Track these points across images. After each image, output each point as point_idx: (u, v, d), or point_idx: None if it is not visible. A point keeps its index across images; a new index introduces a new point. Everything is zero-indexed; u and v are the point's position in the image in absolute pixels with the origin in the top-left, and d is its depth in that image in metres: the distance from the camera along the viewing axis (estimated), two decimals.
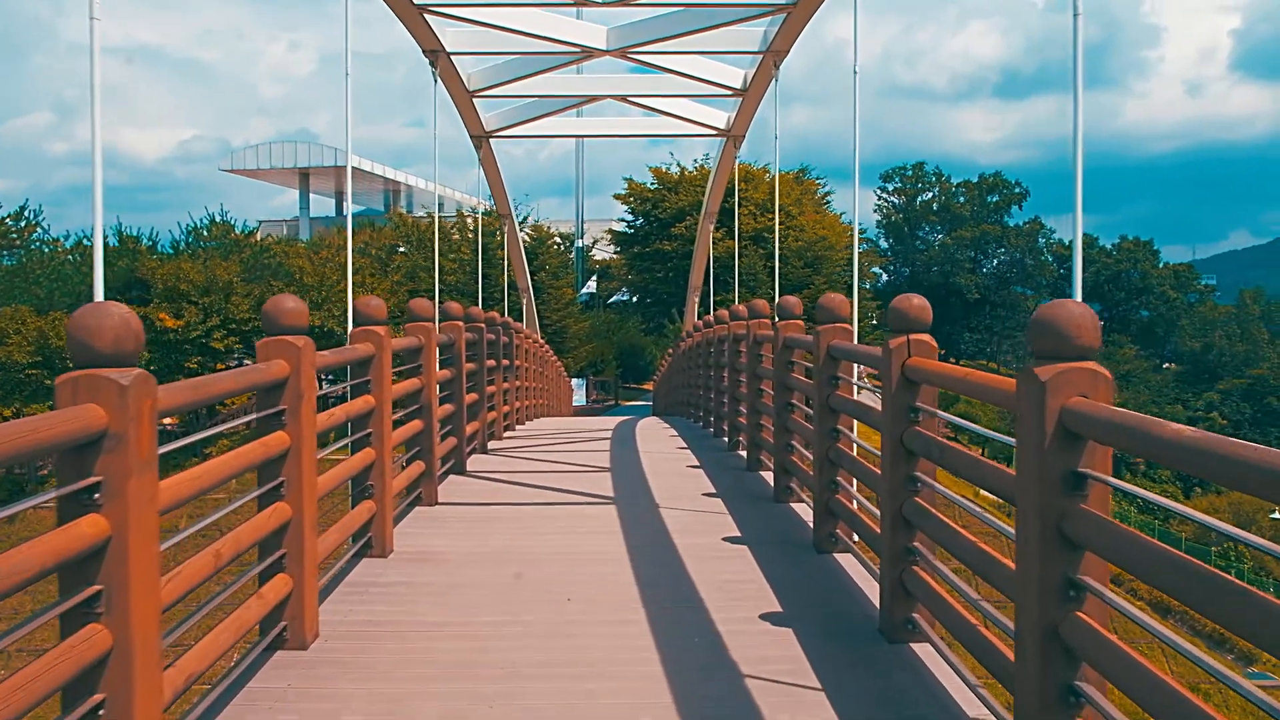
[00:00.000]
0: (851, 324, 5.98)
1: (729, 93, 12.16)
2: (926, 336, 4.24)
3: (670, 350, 22.83)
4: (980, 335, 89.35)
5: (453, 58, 10.75)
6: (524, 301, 21.87)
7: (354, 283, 31.45)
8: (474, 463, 9.61)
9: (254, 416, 4.19)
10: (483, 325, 10.44)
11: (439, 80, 10.48)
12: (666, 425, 15.01)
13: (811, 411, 6.58)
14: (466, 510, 7.37)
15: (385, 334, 5.81)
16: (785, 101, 15.94)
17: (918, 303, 4.35)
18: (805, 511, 7.06)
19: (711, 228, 18.02)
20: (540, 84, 12.35)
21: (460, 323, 8.92)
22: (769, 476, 8.57)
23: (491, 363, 11.69)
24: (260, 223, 59.97)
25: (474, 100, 12.45)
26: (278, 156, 67.20)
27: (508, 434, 12.90)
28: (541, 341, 19.29)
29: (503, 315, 17.82)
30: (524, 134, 14.04)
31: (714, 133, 13.93)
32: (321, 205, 76.26)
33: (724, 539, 6.27)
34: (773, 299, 10.77)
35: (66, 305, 33.46)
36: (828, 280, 36.13)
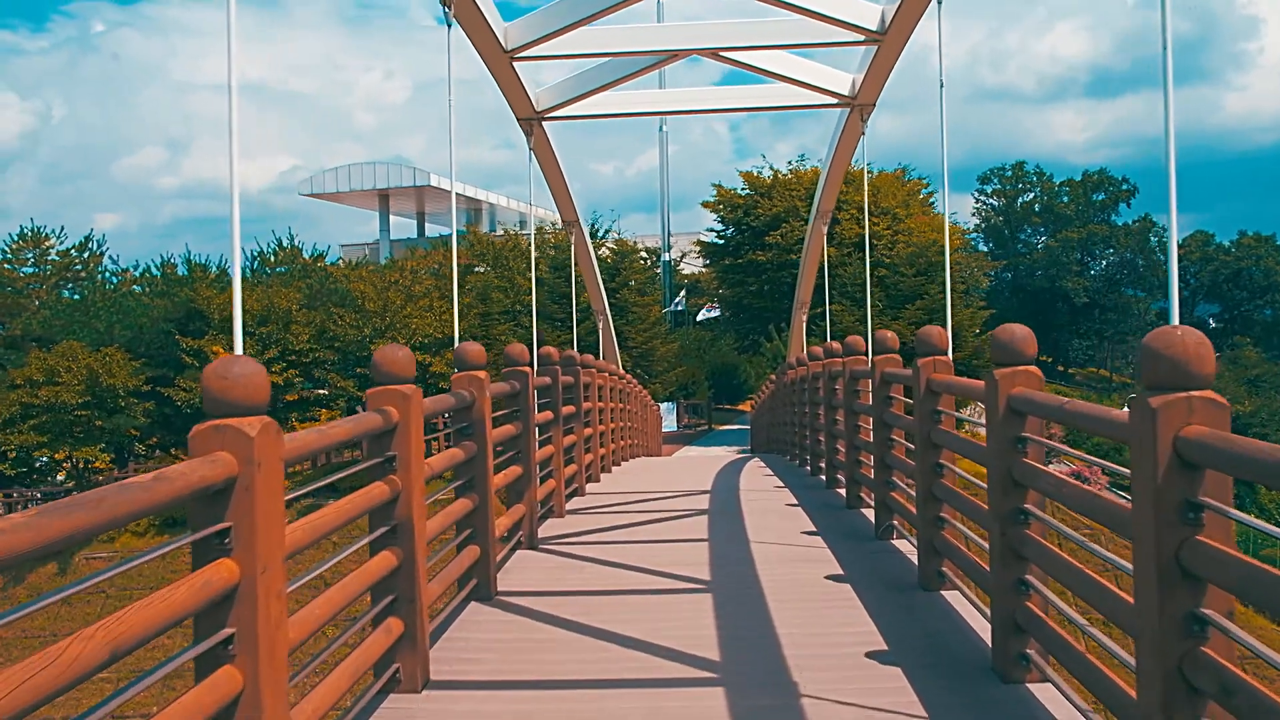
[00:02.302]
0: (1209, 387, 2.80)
1: (860, 38, 8.91)
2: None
3: (772, 376, 19.66)
4: (1090, 341, 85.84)
5: None
6: (600, 325, 18.87)
7: (421, 307, 28.95)
8: (511, 573, 6.66)
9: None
10: (527, 370, 7.48)
11: (455, 24, 7.46)
12: (777, 480, 11.91)
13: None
14: (470, 704, 4.36)
15: (265, 441, 2.87)
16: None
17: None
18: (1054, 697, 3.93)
19: (825, 231, 14.68)
20: (604, 37, 9.29)
21: (482, 373, 5.95)
22: (952, 596, 5.44)
23: (547, 415, 8.75)
24: (330, 246, 58.32)
25: (515, 65, 9.44)
26: (357, 179, 65.79)
27: (574, 502, 9.94)
28: (622, 374, 16.31)
29: (573, 346, 14.95)
30: (588, 113, 10.90)
31: (834, 101, 10.57)
32: (404, 228, 74.77)
33: None
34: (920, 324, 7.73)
35: (125, 340, 31.69)
36: (943, 289, 32.26)
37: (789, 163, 43.84)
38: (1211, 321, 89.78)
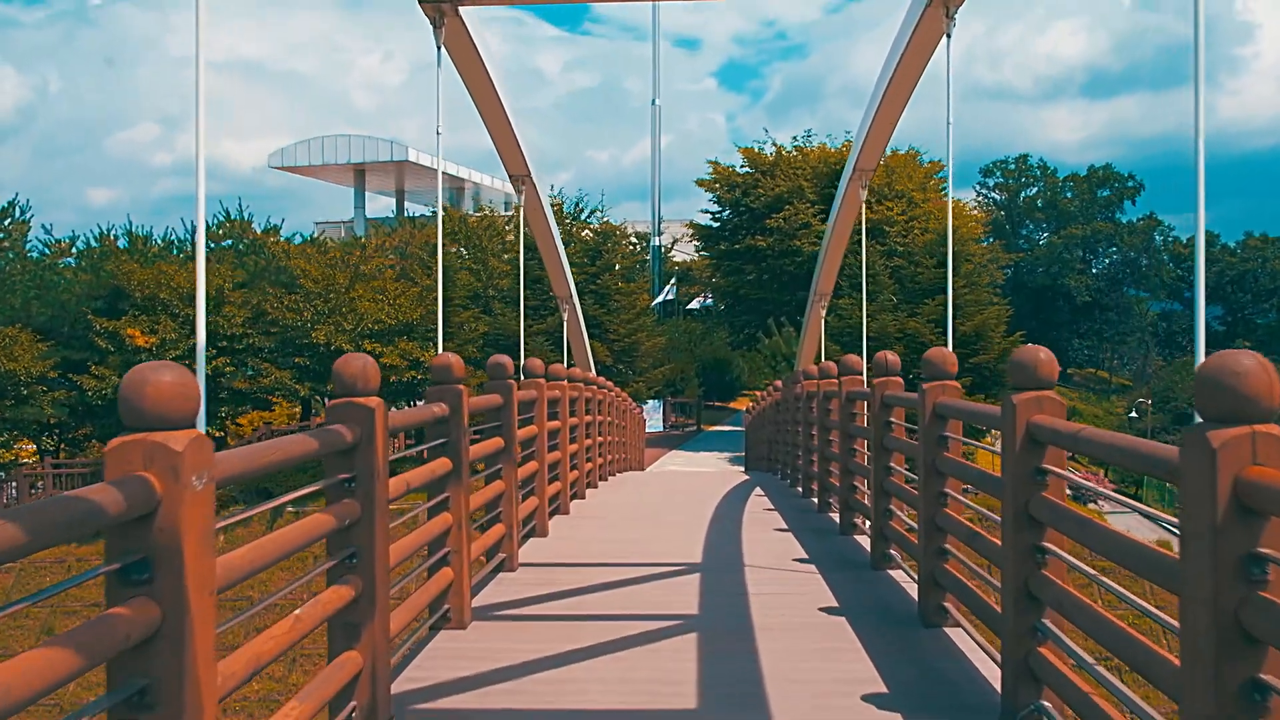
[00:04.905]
0: None
1: None
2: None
3: (778, 382, 16.20)
4: (1090, 342, 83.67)
5: None
6: (565, 315, 15.18)
7: (373, 288, 25.44)
8: None
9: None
10: (373, 404, 4.00)
11: None
12: (798, 546, 8.47)
13: None
14: None
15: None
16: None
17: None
18: None
19: (863, 197, 10.87)
20: None
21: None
22: None
23: (441, 466, 5.36)
24: (283, 222, 54.42)
25: None
26: (330, 152, 61.82)
27: (493, 590, 6.52)
28: (592, 379, 12.84)
29: (520, 341, 11.44)
30: None
31: None
32: (387, 206, 70.75)
33: None
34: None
35: (44, 319, 28.07)
36: (967, 283, 28.43)
37: (794, 138, 40.07)
38: (1215, 325, 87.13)
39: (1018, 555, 3.85)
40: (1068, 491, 4.04)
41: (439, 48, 7.06)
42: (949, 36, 6.61)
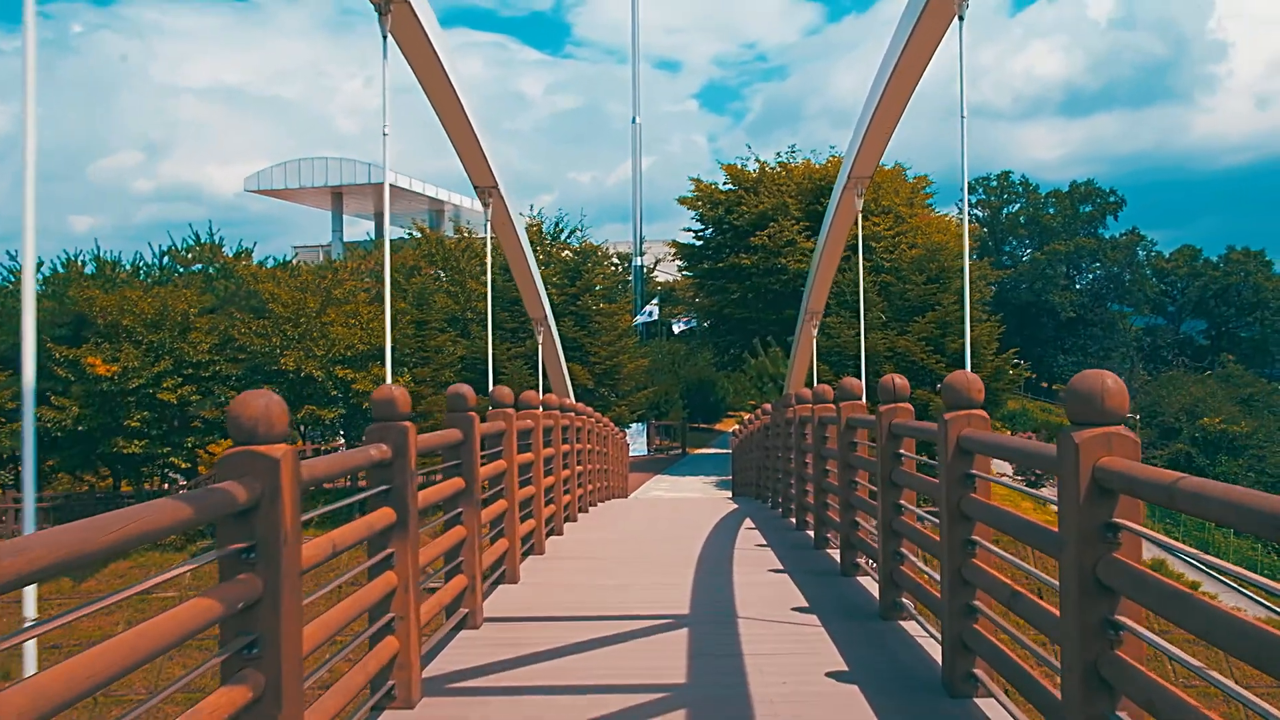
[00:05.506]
0: None
1: None
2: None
3: (766, 405, 15.41)
4: (1075, 358, 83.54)
5: None
6: (540, 336, 14.29)
7: (345, 312, 24.55)
8: None
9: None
10: (278, 453, 3.19)
11: None
12: (796, 590, 7.67)
13: None
14: None
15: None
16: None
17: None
18: None
19: (860, 203, 9.96)
20: None
21: None
22: None
23: (384, 517, 4.57)
24: (253, 245, 53.32)
25: None
26: (307, 174, 60.88)
27: (450, 656, 5.69)
28: (572, 407, 12.01)
29: (489, 365, 10.61)
30: None
31: None
32: (364, 230, 69.71)
33: None
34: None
35: (4, 348, 27.04)
36: (958, 299, 27.77)
37: (777, 154, 39.34)
38: (1199, 338, 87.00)
39: (1084, 629, 3.19)
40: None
41: (385, 36, 6.25)
42: (961, 19, 5.88)
